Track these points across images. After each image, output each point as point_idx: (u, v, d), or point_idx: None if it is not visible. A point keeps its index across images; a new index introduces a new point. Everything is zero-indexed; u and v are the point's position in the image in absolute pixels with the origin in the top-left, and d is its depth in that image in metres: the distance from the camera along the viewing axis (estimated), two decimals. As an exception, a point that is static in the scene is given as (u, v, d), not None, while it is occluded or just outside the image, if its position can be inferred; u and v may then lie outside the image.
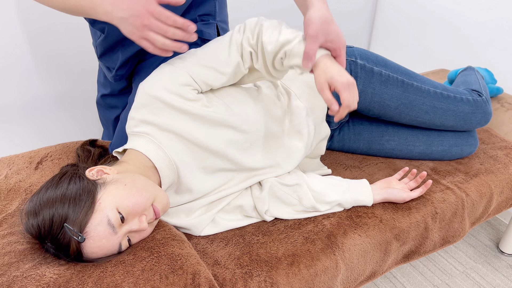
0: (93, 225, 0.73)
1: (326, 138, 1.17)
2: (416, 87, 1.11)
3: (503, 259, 1.48)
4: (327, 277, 0.90)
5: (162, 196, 0.82)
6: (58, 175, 0.79)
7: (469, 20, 1.76)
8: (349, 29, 2.20)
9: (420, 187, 1.06)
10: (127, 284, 0.72)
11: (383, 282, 1.39)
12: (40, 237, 0.75)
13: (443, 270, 1.44)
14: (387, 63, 1.11)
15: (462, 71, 1.44)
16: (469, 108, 1.15)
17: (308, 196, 0.97)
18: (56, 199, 0.73)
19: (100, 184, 0.77)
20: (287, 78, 1.08)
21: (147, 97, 0.86)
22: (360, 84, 1.09)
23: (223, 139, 0.89)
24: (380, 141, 1.20)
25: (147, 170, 0.86)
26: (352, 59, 1.09)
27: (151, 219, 0.80)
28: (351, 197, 1.00)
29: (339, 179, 1.04)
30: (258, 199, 0.97)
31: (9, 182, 0.99)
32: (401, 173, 1.09)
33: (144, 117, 0.86)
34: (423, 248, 1.06)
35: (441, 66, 1.94)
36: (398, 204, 1.04)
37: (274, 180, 0.98)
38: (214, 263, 0.87)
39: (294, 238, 0.94)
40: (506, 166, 1.19)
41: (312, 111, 1.07)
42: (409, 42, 2.09)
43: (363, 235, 0.96)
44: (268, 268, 0.86)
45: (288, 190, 0.98)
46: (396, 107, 1.11)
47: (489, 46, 1.71)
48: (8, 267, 0.73)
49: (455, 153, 1.20)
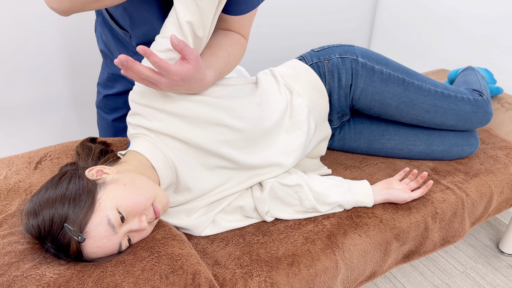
0: (93, 225, 0.73)
1: (327, 139, 1.17)
2: (417, 86, 1.11)
3: (503, 259, 1.48)
4: (327, 277, 0.90)
5: (162, 196, 0.82)
6: (58, 175, 0.79)
7: (469, 20, 1.76)
8: (349, 29, 2.20)
9: (421, 187, 1.06)
10: (127, 284, 0.72)
11: (383, 282, 1.39)
12: (40, 237, 0.75)
13: (443, 270, 1.44)
14: (388, 62, 1.11)
15: (462, 71, 1.44)
16: (470, 107, 1.15)
17: (309, 197, 0.97)
18: (56, 199, 0.73)
19: (100, 184, 0.77)
20: (289, 76, 1.08)
21: (138, 106, 0.88)
22: (361, 82, 1.09)
23: (218, 139, 0.90)
24: (380, 140, 1.20)
25: (147, 169, 0.86)
26: (354, 57, 1.09)
27: (151, 218, 0.80)
28: (352, 198, 1.00)
29: (340, 179, 1.04)
30: (258, 200, 0.97)
31: (8, 182, 0.99)
32: (402, 173, 1.09)
33: (139, 123, 0.89)
34: (423, 248, 1.06)
35: (441, 66, 1.94)
36: (398, 204, 1.04)
37: (274, 181, 0.98)
38: (214, 263, 0.87)
39: (294, 238, 0.94)
40: (506, 166, 1.19)
41: (314, 109, 1.07)
42: (409, 42, 2.09)
43: (363, 235, 0.96)
44: (268, 268, 0.86)
45: (289, 190, 0.98)
46: (396, 105, 1.11)
47: (489, 46, 1.71)
48: (8, 267, 0.73)
49: (456, 153, 1.20)
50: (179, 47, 0.76)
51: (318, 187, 0.98)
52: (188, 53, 0.78)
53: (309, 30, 2.06)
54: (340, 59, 1.09)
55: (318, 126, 1.10)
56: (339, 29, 2.16)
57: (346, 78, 1.09)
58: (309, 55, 1.12)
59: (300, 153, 1.03)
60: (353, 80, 1.09)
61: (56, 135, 1.68)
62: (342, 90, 1.10)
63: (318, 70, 1.09)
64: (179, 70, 0.79)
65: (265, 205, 0.96)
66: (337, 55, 1.09)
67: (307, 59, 1.11)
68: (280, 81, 1.06)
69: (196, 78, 0.83)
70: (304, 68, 1.09)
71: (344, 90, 1.10)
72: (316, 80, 1.08)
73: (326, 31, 2.12)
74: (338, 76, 1.08)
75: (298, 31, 2.03)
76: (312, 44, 2.08)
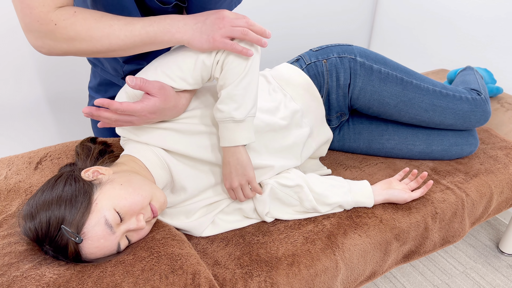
0: (90, 226, 0.73)
1: (328, 142, 1.17)
2: (415, 85, 1.11)
3: (503, 259, 1.48)
4: (327, 277, 0.90)
5: (159, 195, 0.82)
6: (54, 178, 0.79)
7: (469, 20, 1.76)
8: (349, 30, 2.20)
9: (421, 187, 1.06)
10: (127, 284, 0.72)
11: (383, 282, 1.39)
12: (38, 240, 0.75)
13: (443, 270, 1.44)
14: (386, 61, 1.11)
15: (461, 71, 1.44)
16: (469, 106, 1.15)
17: (309, 198, 0.97)
18: (52, 201, 0.73)
19: (96, 184, 0.77)
20: (282, 80, 1.08)
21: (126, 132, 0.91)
22: (359, 81, 1.09)
23: (204, 145, 0.91)
24: (380, 140, 1.20)
25: (142, 170, 0.86)
26: (352, 57, 1.09)
27: (149, 217, 0.80)
28: (352, 199, 1.00)
29: (340, 180, 1.04)
30: (258, 201, 0.96)
31: (8, 182, 0.99)
32: (402, 173, 1.09)
33: (126, 135, 0.91)
34: (423, 248, 1.06)
35: (440, 66, 1.94)
36: (398, 204, 1.04)
37: (274, 182, 0.98)
38: (214, 263, 0.87)
39: (294, 238, 0.94)
40: (506, 166, 1.19)
41: (308, 113, 1.07)
42: (408, 42, 2.09)
43: (363, 235, 0.96)
44: (268, 268, 0.86)
45: (289, 191, 0.98)
46: (395, 104, 1.11)
47: (489, 46, 1.71)
48: (8, 268, 0.73)
49: (455, 153, 1.20)
50: (137, 86, 0.78)
51: (318, 188, 0.98)
52: (149, 88, 0.79)
53: (308, 31, 2.06)
54: (339, 58, 1.09)
55: (315, 129, 1.10)
56: (339, 30, 2.16)
57: (345, 78, 1.09)
58: (307, 55, 1.12)
59: (292, 155, 1.03)
60: (351, 80, 1.09)
61: (56, 135, 1.68)
62: (341, 89, 1.10)
63: (316, 70, 1.09)
64: (144, 106, 0.80)
65: (265, 206, 0.96)
66: (336, 55, 1.09)
67: (305, 58, 1.11)
68: (273, 82, 1.06)
69: (167, 107, 0.83)
70: (297, 72, 1.09)
71: (343, 90, 1.10)
72: (308, 84, 1.08)
73: (326, 32, 2.12)
74: (336, 75, 1.08)
75: (297, 32, 2.03)
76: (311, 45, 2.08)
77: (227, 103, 0.83)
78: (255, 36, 0.80)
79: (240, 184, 0.90)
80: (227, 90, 0.83)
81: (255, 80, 0.85)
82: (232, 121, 0.84)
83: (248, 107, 0.84)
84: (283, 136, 1.01)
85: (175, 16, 0.79)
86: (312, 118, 1.09)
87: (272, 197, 0.98)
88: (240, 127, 0.85)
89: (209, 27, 0.78)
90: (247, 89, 0.83)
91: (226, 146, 0.87)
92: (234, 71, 0.82)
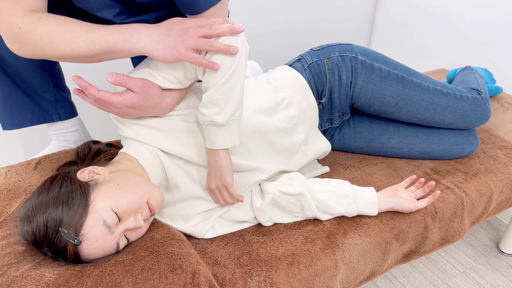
0: (88, 227, 0.72)
1: (326, 153, 1.17)
2: (416, 84, 1.11)
3: (503, 259, 1.48)
4: (326, 277, 0.90)
5: (156, 193, 0.82)
6: (49, 179, 0.79)
7: (469, 19, 1.76)
8: (349, 30, 2.20)
9: (427, 197, 1.04)
10: (127, 283, 0.72)
11: (383, 282, 1.39)
12: (36, 243, 0.75)
13: (443, 270, 1.44)
14: (387, 60, 1.11)
15: (461, 71, 1.44)
16: (469, 105, 1.15)
17: (311, 207, 0.96)
18: (49, 203, 0.73)
19: (92, 185, 0.77)
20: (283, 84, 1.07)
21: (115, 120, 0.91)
22: (360, 80, 1.09)
23: (195, 143, 0.91)
24: (380, 139, 1.20)
25: (138, 168, 0.87)
26: (353, 55, 1.09)
27: (147, 216, 0.80)
28: (356, 210, 0.98)
29: (345, 187, 1.00)
30: (259, 211, 0.96)
31: (8, 182, 0.99)
32: (408, 181, 1.07)
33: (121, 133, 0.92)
34: (423, 248, 1.06)
35: (440, 66, 1.94)
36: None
37: (276, 191, 0.96)
38: (214, 263, 0.87)
39: (294, 238, 0.94)
40: (506, 166, 1.19)
41: (303, 121, 1.07)
42: (408, 42, 2.09)
43: (363, 235, 0.96)
44: (267, 268, 0.86)
45: (291, 199, 0.96)
46: (396, 103, 1.11)
47: (489, 46, 1.71)
48: (8, 268, 0.73)
49: (456, 152, 1.20)
50: (117, 82, 0.78)
51: (322, 196, 0.97)
52: (131, 85, 0.80)
53: (308, 30, 2.06)
54: (340, 57, 1.09)
55: (310, 138, 1.10)
56: (339, 30, 2.16)
57: (347, 76, 1.08)
58: (308, 55, 1.12)
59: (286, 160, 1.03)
60: (353, 78, 1.09)
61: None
62: (343, 88, 1.10)
63: (318, 69, 1.09)
64: (122, 100, 0.80)
65: (265, 215, 0.96)
66: (337, 53, 1.09)
67: (307, 58, 1.11)
68: (272, 80, 1.06)
69: (148, 104, 0.83)
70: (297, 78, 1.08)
71: (345, 88, 1.10)
72: (307, 92, 1.07)
73: (326, 32, 2.12)
74: (338, 74, 1.08)
75: (297, 32, 2.03)
76: (312, 44, 2.08)
77: (209, 107, 0.83)
78: (221, 46, 0.78)
79: (217, 187, 0.90)
80: (208, 94, 0.82)
81: (239, 83, 0.84)
82: (213, 125, 0.84)
83: (230, 111, 0.84)
84: (279, 140, 1.01)
85: (138, 25, 0.78)
86: (307, 126, 1.08)
87: (272, 204, 0.97)
88: (222, 131, 0.85)
89: (172, 39, 0.76)
90: (229, 93, 0.82)
91: (208, 148, 0.88)
92: (215, 74, 0.81)
